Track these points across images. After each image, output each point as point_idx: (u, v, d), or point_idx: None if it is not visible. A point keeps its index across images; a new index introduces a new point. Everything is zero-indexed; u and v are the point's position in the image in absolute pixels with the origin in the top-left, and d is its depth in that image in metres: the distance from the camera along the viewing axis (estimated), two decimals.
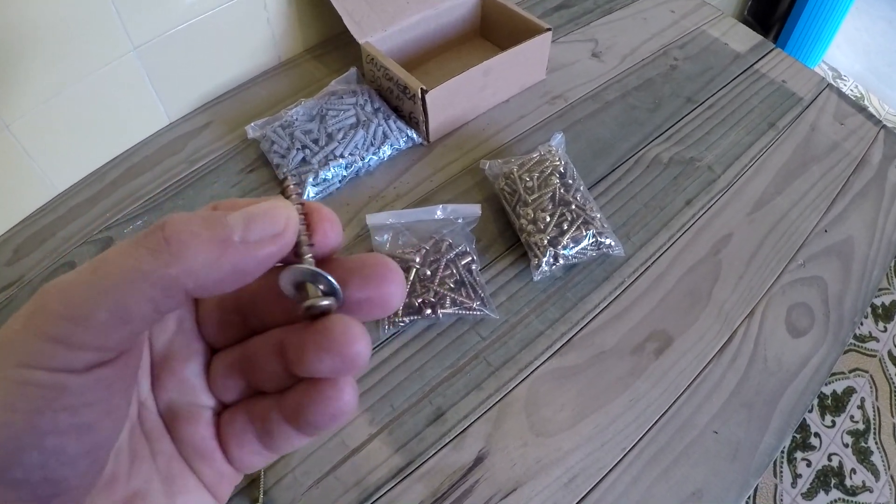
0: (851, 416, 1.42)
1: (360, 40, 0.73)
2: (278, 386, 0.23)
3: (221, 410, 0.24)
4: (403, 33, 0.78)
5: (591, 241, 0.61)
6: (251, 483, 0.51)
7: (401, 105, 0.73)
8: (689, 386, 0.59)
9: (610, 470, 0.53)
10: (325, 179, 0.67)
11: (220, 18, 0.74)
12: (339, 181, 0.69)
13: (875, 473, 1.35)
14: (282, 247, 0.20)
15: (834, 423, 1.41)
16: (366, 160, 0.69)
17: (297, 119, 0.71)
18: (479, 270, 0.62)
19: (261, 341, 0.23)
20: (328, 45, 0.87)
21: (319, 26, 0.86)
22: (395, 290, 0.21)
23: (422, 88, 0.68)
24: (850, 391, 1.46)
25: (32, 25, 0.59)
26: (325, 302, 0.21)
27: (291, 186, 0.23)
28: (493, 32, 0.85)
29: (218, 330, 0.24)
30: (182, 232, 0.18)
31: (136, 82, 0.71)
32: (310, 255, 0.21)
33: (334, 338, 0.20)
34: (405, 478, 0.52)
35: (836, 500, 1.31)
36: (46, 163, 0.68)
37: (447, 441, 0.54)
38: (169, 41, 0.71)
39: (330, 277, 0.21)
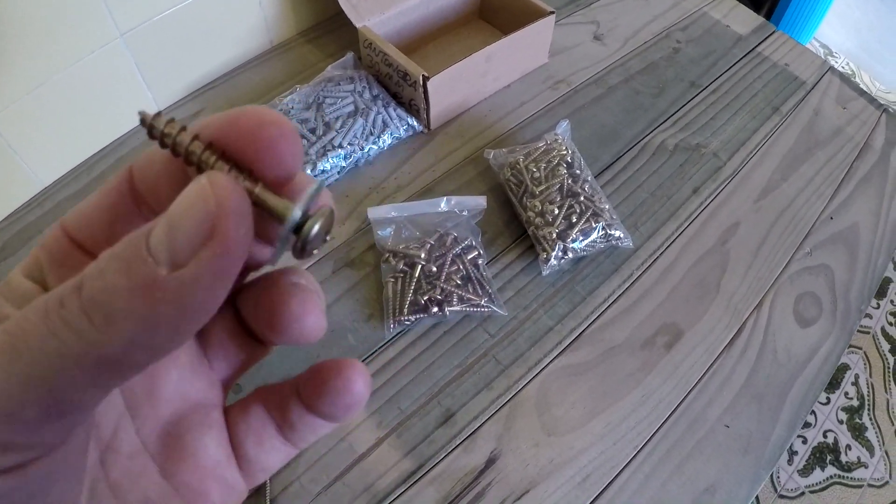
0: (846, 393, 1.44)
1: (358, 24, 0.71)
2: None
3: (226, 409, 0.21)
4: (402, 16, 0.75)
5: (600, 233, 0.60)
6: (256, 491, 0.49)
7: (400, 92, 0.71)
8: (700, 380, 0.58)
9: (623, 468, 0.53)
10: (323, 171, 0.65)
11: (210, 2, 0.71)
12: (338, 172, 0.67)
13: (870, 449, 1.36)
14: (228, 248, 0.14)
15: (829, 399, 1.43)
16: (365, 150, 0.67)
17: (293, 107, 0.68)
18: (486, 265, 0.61)
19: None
20: (322, 27, 0.84)
21: (313, 8, 0.83)
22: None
23: (423, 75, 0.65)
24: (843, 368, 1.48)
25: (12, 14, 0.56)
26: (317, 226, 0.16)
27: (158, 121, 0.16)
28: (492, 14, 0.83)
29: None
30: (98, 294, 0.13)
31: (124, 70, 0.68)
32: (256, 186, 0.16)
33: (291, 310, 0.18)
34: (415, 482, 0.51)
35: (831, 477, 1.33)
36: (31, 156, 0.65)
37: (457, 443, 0.52)
38: (157, 26, 0.68)
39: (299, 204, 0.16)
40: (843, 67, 2.03)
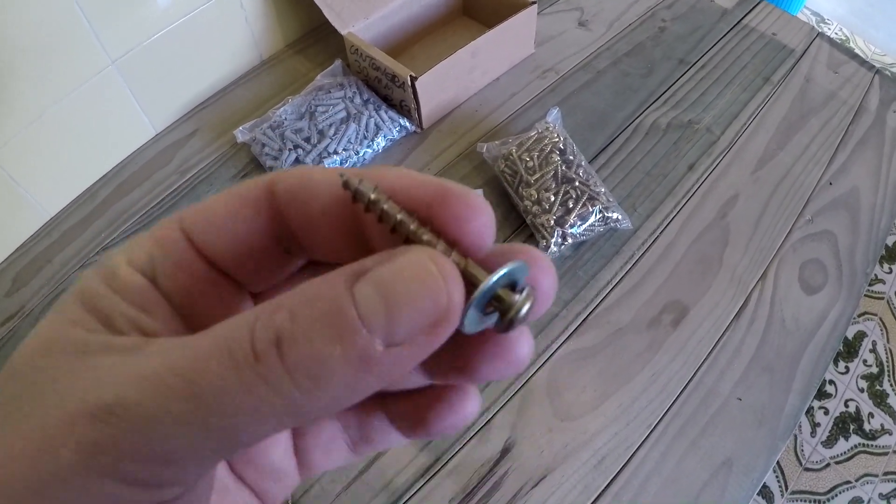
0: (864, 361, 1.42)
1: (343, 31, 0.71)
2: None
3: None
4: (386, 20, 0.76)
5: (597, 216, 0.60)
6: None
7: (390, 94, 0.71)
8: (709, 354, 0.58)
9: (638, 447, 0.53)
10: None
11: (197, 22, 0.72)
12: None
13: (892, 415, 1.35)
14: (445, 335, 0.14)
15: (847, 368, 1.41)
16: (360, 154, 0.68)
17: (286, 118, 0.69)
18: None
19: None
20: (309, 38, 0.85)
21: (299, 20, 0.84)
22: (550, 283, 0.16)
23: (411, 76, 0.66)
24: (860, 335, 1.46)
25: (4, 50, 0.57)
26: (526, 307, 0.15)
27: (353, 183, 0.16)
28: (476, 10, 0.83)
29: None
30: (307, 358, 0.13)
31: (118, 96, 0.70)
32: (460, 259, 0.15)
33: (509, 343, 0.16)
34: (433, 476, 0.51)
35: (856, 446, 1.32)
36: (35, 188, 0.67)
37: (472, 434, 0.53)
38: (147, 51, 0.69)
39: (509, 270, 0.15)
40: (836, 34, 2.02)
